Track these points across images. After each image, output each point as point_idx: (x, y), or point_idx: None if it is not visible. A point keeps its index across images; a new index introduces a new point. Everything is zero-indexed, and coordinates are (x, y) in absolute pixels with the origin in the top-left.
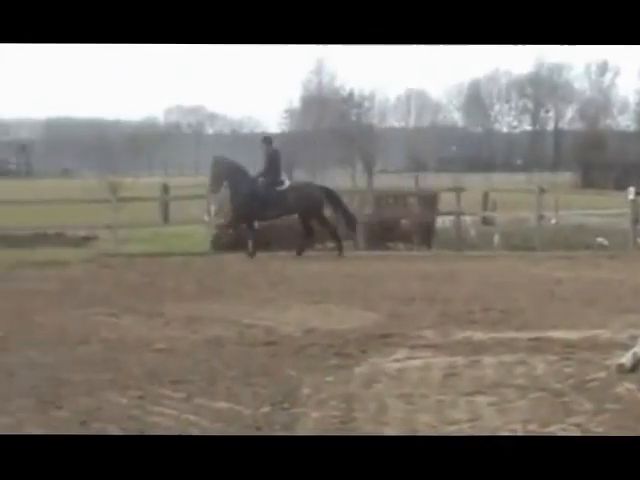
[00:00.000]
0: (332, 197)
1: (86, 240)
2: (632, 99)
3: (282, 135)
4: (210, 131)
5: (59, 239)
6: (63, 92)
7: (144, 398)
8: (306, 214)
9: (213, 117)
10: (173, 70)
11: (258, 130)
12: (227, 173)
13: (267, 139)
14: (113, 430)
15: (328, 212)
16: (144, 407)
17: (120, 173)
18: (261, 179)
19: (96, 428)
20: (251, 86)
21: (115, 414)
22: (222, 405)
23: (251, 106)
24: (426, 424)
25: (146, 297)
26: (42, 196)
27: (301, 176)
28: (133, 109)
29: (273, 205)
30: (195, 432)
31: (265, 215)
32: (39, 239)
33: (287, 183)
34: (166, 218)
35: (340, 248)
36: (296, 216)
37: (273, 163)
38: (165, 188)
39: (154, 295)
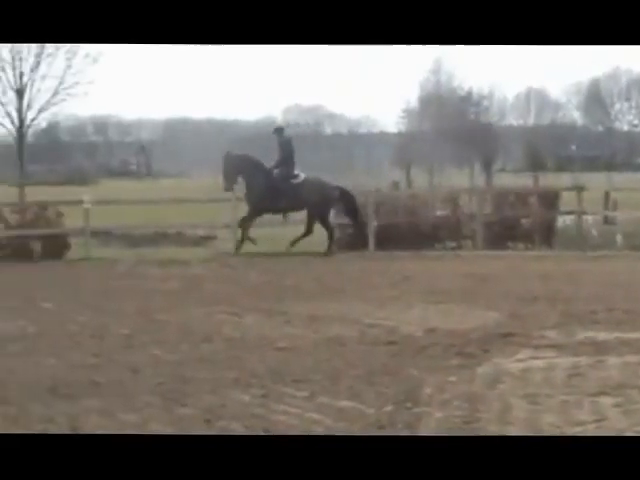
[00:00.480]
0: (347, 198)
1: (205, 239)
2: None
3: (399, 135)
4: (328, 130)
5: (179, 238)
6: (182, 93)
7: (267, 396)
8: (314, 210)
9: (331, 117)
10: (292, 69)
11: (375, 130)
12: (239, 168)
13: (278, 130)
14: (237, 428)
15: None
16: (268, 405)
17: None
18: (276, 171)
19: (220, 426)
20: (369, 86)
21: (239, 412)
22: (345, 404)
23: (369, 106)
24: (551, 424)
25: (267, 296)
26: (162, 196)
27: (419, 175)
28: (252, 109)
29: (286, 197)
30: (319, 431)
31: (277, 207)
32: (160, 238)
33: (302, 177)
34: (286, 216)
35: (330, 251)
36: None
37: (285, 153)
38: None
39: (275, 294)
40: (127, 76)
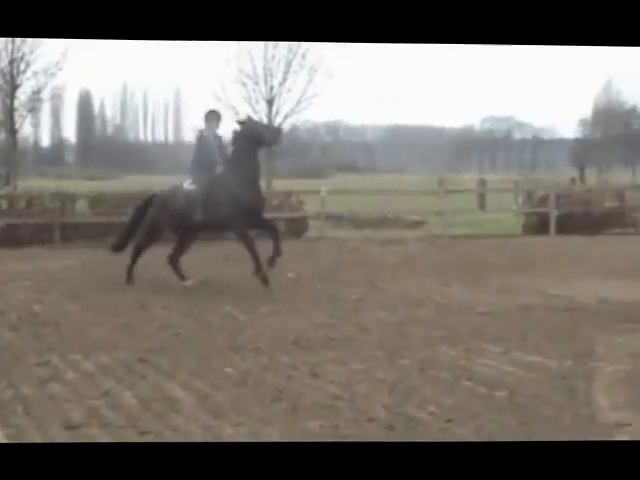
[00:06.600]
0: None
1: (418, 224)
2: None
3: (576, 141)
4: (517, 137)
5: (397, 222)
6: (398, 103)
7: (470, 351)
8: None
9: (520, 125)
10: (488, 83)
11: (556, 137)
12: None
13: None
14: (447, 377)
15: None
16: (470, 359)
17: (444, 171)
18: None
19: (432, 374)
20: (552, 99)
21: (446, 364)
22: (533, 358)
23: (551, 116)
24: None
25: (469, 270)
26: (384, 187)
27: (590, 175)
28: (454, 119)
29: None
30: (511, 380)
31: None
32: (381, 222)
33: None
34: (483, 206)
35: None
36: None
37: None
38: (482, 182)
39: (475, 269)
40: (353, 87)
